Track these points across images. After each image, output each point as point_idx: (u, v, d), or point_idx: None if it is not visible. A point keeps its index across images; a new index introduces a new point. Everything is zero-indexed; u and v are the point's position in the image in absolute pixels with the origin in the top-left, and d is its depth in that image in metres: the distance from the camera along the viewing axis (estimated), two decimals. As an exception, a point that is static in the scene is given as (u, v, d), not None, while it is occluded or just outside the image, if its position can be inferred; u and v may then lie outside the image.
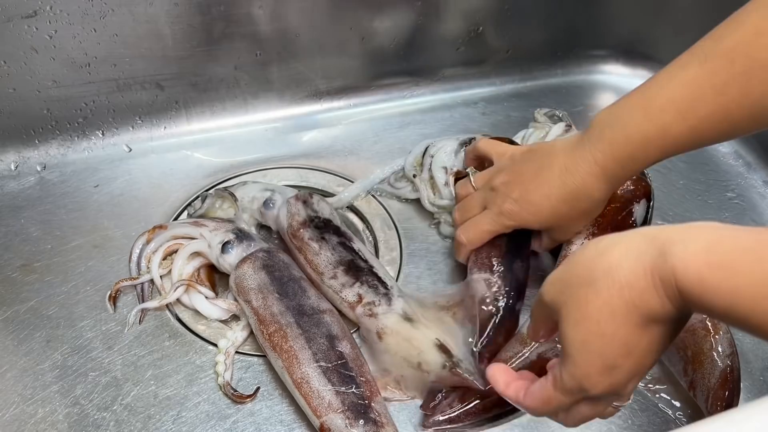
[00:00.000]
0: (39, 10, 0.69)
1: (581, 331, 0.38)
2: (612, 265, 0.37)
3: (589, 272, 0.38)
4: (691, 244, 0.34)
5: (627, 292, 0.36)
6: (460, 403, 0.55)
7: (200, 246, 0.64)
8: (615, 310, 0.37)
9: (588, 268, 0.38)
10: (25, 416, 0.55)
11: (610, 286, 0.36)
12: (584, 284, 0.38)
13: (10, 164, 0.76)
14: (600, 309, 0.37)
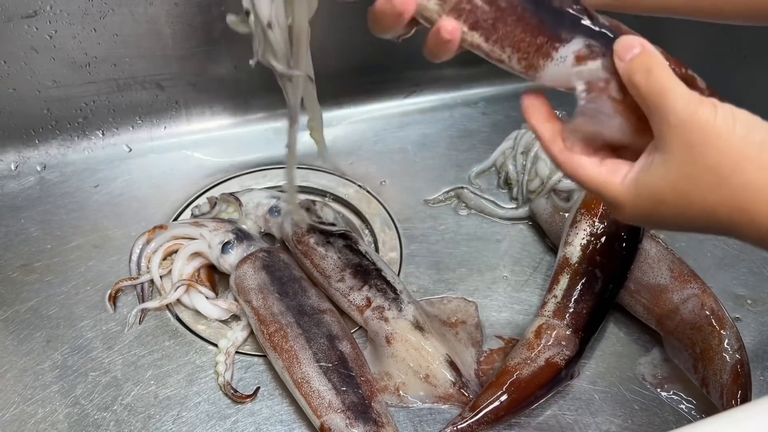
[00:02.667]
0: (39, 10, 0.69)
1: (682, 176, 0.36)
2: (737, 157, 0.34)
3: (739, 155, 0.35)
4: None
5: (741, 211, 0.34)
6: (472, 412, 0.55)
7: (200, 246, 0.64)
8: (713, 213, 0.35)
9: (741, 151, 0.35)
10: (25, 416, 0.55)
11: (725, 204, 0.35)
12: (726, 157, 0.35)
13: (10, 164, 0.76)
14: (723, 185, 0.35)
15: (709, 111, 0.36)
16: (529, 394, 0.56)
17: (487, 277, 0.68)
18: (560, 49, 0.40)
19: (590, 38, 0.40)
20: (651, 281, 0.62)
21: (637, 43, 0.38)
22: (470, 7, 0.39)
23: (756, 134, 0.35)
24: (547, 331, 0.59)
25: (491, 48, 0.40)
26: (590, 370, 0.61)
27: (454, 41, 0.41)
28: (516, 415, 0.56)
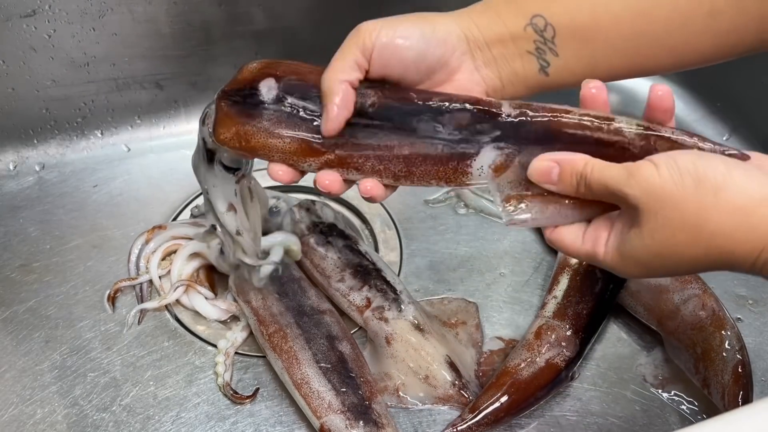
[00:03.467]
0: (38, 10, 0.69)
1: (658, 243, 0.37)
2: (719, 224, 0.35)
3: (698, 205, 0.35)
4: None
5: (723, 256, 0.35)
6: (471, 414, 0.55)
7: (199, 246, 0.63)
8: (699, 261, 0.36)
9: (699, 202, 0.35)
10: (24, 417, 0.55)
11: (704, 244, 0.35)
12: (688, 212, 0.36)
13: (9, 164, 0.75)
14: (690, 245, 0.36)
15: (652, 174, 0.37)
16: (529, 395, 0.56)
17: (487, 278, 0.68)
18: (472, 163, 0.43)
19: (498, 141, 0.43)
20: (651, 282, 0.62)
21: (550, 163, 0.41)
22: (384, 167, 0.44)
23: (706, 181, 0.35)
24: (547, 331, 0.59)
25: (420, 184, 0.45)
26: (591, 370, 0.61)
27: (375, 196, 0.45)
28: (516, 417, 0.56)
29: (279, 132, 0.44)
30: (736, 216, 0.34)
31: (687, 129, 0.46)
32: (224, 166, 0.50)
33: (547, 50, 0.44)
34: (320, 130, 0.43)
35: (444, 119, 0.43)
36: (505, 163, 0.43)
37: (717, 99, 0.86)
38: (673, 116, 0.43)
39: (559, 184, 0.41)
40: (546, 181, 0.41)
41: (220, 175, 0.50)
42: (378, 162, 0.44)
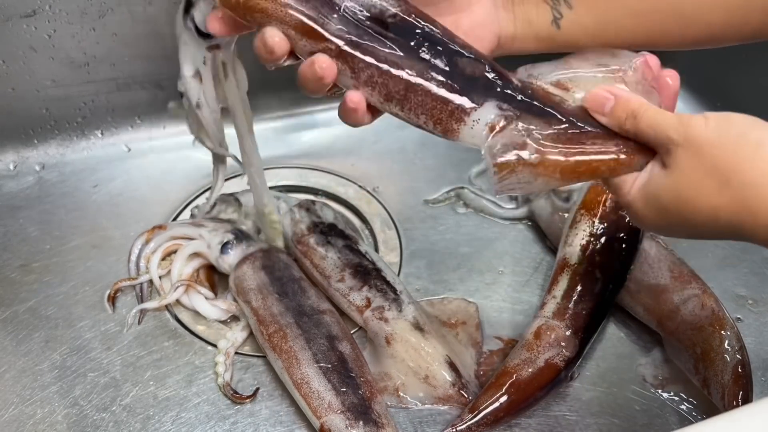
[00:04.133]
0: (38, 10, 0.69)
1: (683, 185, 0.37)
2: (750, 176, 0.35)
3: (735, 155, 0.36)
4: None
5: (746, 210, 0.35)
6: (471, 414, 0.55)
7: (199, 246, 0.64)
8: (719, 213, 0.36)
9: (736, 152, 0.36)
10: (24, 417, 0.55)
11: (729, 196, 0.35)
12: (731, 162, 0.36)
13: (9, 164, 0.75)
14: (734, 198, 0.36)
15: (700, 124, 0.37)
16: (529, 396, 0.56)
17: (487, 278, 0.68)
18: (472, 113, 0.41)
19: (502, 101, 0.42)
20: (651, 282, 0.62)
21: (607, 94, 0.41)
22: (382, 81, 0.41)
23: (751, 134, 0.36)
24: (547, 332, 0.59)
25: (407, 116, 0.42)
26: (590, 371, 0.61)
27: (359, 110, 0.43)
28: (515, 417, 0.56)
29: (286, 1, 0.39)
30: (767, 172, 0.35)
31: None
32: (196, 27, 0.44)
33: (562, 2, 0.45)
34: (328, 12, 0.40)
35: (460, 62, 0.42)
36: (502, 124, 0.41)
37: (717, 99, 0.86)
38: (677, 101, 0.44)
39: (609, 116, 0.41)
40: (598, 109, 0.41)
41: (191, 36, 0.45)
42: (377, 74, 0.41)
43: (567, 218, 0.66)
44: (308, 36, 0.40)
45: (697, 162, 0.37)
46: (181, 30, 0.45)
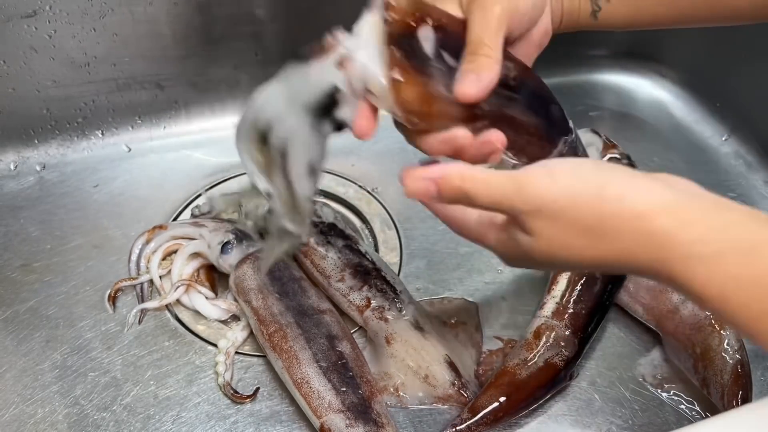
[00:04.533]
0: (38, 10, 0.69)
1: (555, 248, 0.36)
2: (618, 229, 0.33)
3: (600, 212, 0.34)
4: (724, 250, 0.30)
5: (624, 259, 0.34)
6: (471, 414, 0.55)
7: (200, 246, 0.64)
8: (598, 262, 0.35)
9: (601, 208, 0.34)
10: (24, 416, 0.55)
11: (604, 248, 0.34)
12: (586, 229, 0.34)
13: (10, 164, 0.75)
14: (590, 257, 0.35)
15: (545, 185, 0.35)
16: (529, 395, 0.56)
17: (487, 277, 0.68)
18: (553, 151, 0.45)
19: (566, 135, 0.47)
20: (650, 281, 0.62)
21: (427, 183, 0.37)
22: (513, 140, 0.42)
23: (609, 190, 0.34)
24: (546, 331, 0.59)
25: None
26: (590, 370, 0.61)
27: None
28: (515, 416, 0.56)
29: (449, 97, 0.38)
30: (636, 223, 0.33)
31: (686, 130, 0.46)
32: (337, 122, 0.41)
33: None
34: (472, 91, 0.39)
35: (555, 108, 0.46)
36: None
37: (716, 99, 0.86)
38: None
39: (443, 198, 0.38)
40: (430, 200, 0.38)
41: (321, 132, 0.41)
42: (514, 134, 0.42)
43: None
44: (467, 121, 0.41)
45: (561, 228, 0.34)
46: (300, 130, 0.41)
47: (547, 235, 0.35)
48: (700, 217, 0.32)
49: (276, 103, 0.40)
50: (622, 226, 0.33)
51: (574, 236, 0.34)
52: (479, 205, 0.37)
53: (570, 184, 0.34)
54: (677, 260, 0.32)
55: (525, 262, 0.38)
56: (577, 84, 0.93)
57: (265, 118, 0.40)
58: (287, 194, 0.44)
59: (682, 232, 0.32)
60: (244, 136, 0.43)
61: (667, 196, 0.33)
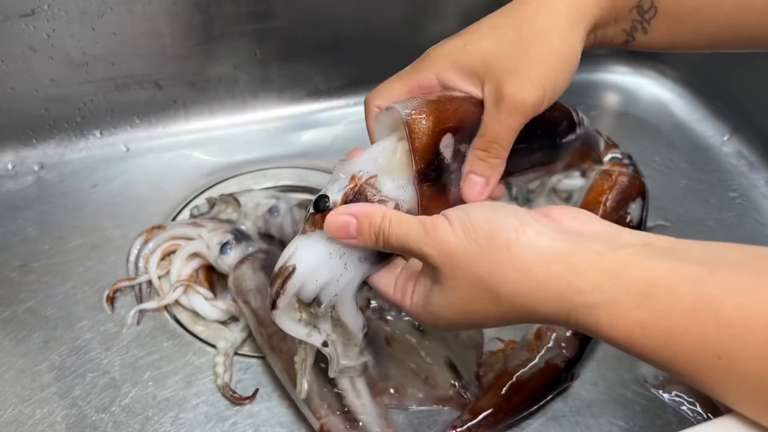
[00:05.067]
0: (37, 9, 0.68)
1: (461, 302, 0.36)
2: (516, 282, 0.33)
3: (493, 264, 0.34)
4: (621, 297, 0.30)
5: (528, 314, 0.34)
6: (471, 415, 0.55)
7: (199, 247, 0.63)
8: (497, 315, 0.35)
9: (493, 260, 0.34)
10: (23, 417, 0.54)
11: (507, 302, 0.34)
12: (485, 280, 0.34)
13: (8, 164, 0.75)
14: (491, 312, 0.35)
15: (446, 231, 0.35)
16: (529, 397, 0.56)
17: (487, 278, 0.68)
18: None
19: None
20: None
21: (347, 217, 0.38)
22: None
23: (499, 238, 0.34)
24: (548, 332, 0.58)
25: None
26: (591, 371, 0.60)
27: None
28: (516, 417, 0.56)
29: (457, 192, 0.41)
30: (530, 274, 0.33)
31: (687, 129, 0.46)
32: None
33: (639, 29, 0.44)
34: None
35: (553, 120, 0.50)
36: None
37: (718, 99, 0.86)
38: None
39: (359, 238, 0.38)
40: (344, 236, 0.38)
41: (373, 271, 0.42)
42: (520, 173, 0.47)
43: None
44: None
45: (462, 277, 0.35)
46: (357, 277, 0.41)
47: (451, 287, 0.35)
48: (594, 262, 0.32)
49: (320, 274, 0.40)
50: (516, 278, 0.33)
51: (476, 288, 0.34)
52: (391, 245, 0.37)
53: (463, 234, 0.35)
54: (579, 309, 0.32)
55: (440, 320, 0.38)
56: (578, 83, 0.92)
57: (314, 288, 0.40)
58: (339, 335, 0.44)
59: (578, 280, 0.31)
60: (286, 309, 0.41)
61: (558, 243, 0.33)
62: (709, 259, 0.30)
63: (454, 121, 0.41)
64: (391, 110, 0.41)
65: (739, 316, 0.28)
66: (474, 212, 0.35)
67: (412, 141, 0.39)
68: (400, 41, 0.84)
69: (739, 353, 0.27)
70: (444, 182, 0.41)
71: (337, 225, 0.38)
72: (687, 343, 0.29)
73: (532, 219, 0.34)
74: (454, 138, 0.41)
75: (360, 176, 0.39)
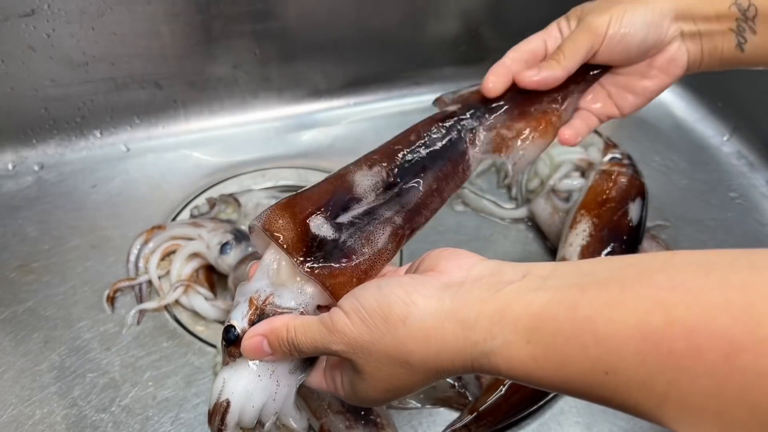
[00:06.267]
0: (37, 9, 0.68)
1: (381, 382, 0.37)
2: (421, 351, 0.35)
3: (396, 341, 0.35)
4: (510, 337, 0.32)
5: (441, 373, 0.35)
6: (471, 415, 0.55)
7: (199, 247, 0.63)
8: (418, 382, 0.36)
9: (394, 338, 0.35)
10: (23, 417, 0.54)
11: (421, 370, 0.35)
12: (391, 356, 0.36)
13: (8, 164, 0.75)
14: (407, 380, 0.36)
15: (346, 325, 0.36)
16: (529, 397, 0.56)
17: (487, 278, 0.68)
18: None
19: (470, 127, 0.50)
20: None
21: (258, 337, 0.39)
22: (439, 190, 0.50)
23: (392, 314, 0.35)
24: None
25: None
26: (591, 371, 0.60)
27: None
28: (516, 418, 0.56)
29: (377, 248, 0.42)
30: (430, 340, 0.34)
31: (688, 129, 0.46)
32: None
33: (746, 28, 0.46)
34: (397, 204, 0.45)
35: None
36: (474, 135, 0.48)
37: (718, 99, 0.86)
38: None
39: (275, 353, 0.39)
40: (262, 355, 0.39)
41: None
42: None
43: (567, 218, 0.66)
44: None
45: (375, 362, 0.36)
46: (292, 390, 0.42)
47: (369, 372, 0.37)
48: (480, 311, 0.33)
49: (255, 399, 0.40)
50: (419, 347, 0.35)
51: (391, 367, 0.36)
52: (304, 352, 0.38)
53: (360, 322, 0.36)
54: (478, 358, 0.33)
55: (372, 401, 0.39)
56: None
57: (253, 413, 0.40)
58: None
59: (470, 333, 0.33)
60: None
61: (445, 303, 0.34)
62: (581, 280, 0.32)
63: (312, 206, 0.42)
64: (252, 226, 0.42)
65: (612, 330, 0.29)
66: (364, 297, 0.37)
67: (277, 241, 0.40)
68: (400, 41, 0.84)
69: (621, 365, 0.29)
70: (341, 253, 0.40)
71: (251, 348, 0.39)
72: (576, 365, 0.30)
73: (418, 285, 0.36)
74: (325, 216, 0.41)
75: (257, 297, 0.40)
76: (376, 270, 0.41)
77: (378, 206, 0.43)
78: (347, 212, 0.42)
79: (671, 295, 0.28)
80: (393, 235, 0.43)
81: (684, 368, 0.27)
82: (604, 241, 0.62)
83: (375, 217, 0.43)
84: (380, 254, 0.41)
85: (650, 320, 0.28)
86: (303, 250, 0.39)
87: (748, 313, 0.26)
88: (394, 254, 0.43)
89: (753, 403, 0.26)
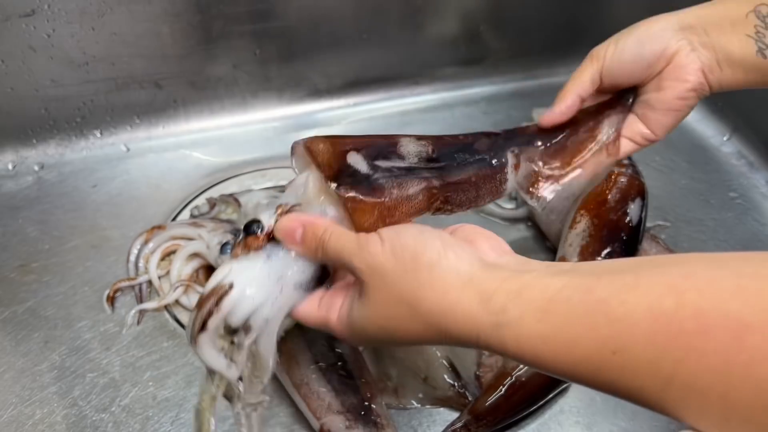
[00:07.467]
0: (37, 9, 0.68)
1: (381, 317, 0.38)
2: (433, 302, 0.35)
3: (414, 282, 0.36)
4: (523, 314, 0.33)
5: (442, 333, 0.36)
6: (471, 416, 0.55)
7: (199, 247, 0.63)
8: (415, 333, 0.37)
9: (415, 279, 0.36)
10: (23, 417, 0.54)
11: (424, 320, 0.36)
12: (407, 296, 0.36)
13: (8, 164, 0.75)
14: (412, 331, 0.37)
15: (377, 249, 0.37)
16: (529, 397, 0.56)
17: (487, 278, 0.68)
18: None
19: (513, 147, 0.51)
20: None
21: (295, 224, 0.41)
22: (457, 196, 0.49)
23: (423, 257, 0.36)
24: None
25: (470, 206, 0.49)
26: (591, 371, 0.60)
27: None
28: (515, 418, 0.56)
29: (407, 193, 0.42)
30: (446, 295, 0.35)
31: (688, 129, 0.47)
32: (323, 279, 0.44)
33: (766, 32, 0.45)
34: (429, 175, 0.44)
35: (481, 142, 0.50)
36: (516, 162, 0.49)
37: (718, 99, 0.86)
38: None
39: (302, 245, 0.41)
40: (290, 240, 0.41)
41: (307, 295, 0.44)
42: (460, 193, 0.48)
43: (567, 218, 0.66)
44: (431, 200, 0.46)
45: (386, 293, 0.37)
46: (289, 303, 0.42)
47: (375, 301, 0.37)
48: (499, 286, 0.34)
49: (256, 294, 0.40)
50: (433, 298, 0.36)
51: (396, 304, 0.37)
52: (329, 256, 0.40)
53: (391, 252, 0.37)
54: (487, 330, 0.34)
55: (361, 332, 0.40)
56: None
57: (248, 307, 0.40)
58: (250, 370, 0.45)
59: (486, 303, 0.34)
60: (212, 334, 0.40)
61: (474, 269, 0.36)
62: (598, 270, 0.33)
63: (355, 144, 0.43)
64: (295, 146, 0.43)
65: (625, 311, 0.30)
66: (404, 232, 0.38)
67: (314, 158, 0.41)
68: (400, 41, 0.84)
69: (630, 344, 0.29)
70: (370, 186, 0.41)
71: (286, 229, 0.41)
72: (585, 347, 0.31)
73: (455, 245, 0.37)
74: (364, 155, 0.43)
75: (285, 206, 0.42)
76: (401, 213, 0.42)
77: (418, 167, 0.44)
78: (387, 161, 0.43)
79: (684, 281, 0.29)
80: (426, 190, 0.44)
81: (693, 347, 0.28)
82: (604, 241, 0.62)
83: (413, 172, 0.44)
84: (408, 199, 0.42)
85: (662, 303, 0.29)
86: (335, 174, 0.41)
87: (760, 296, 0.27)
88: (424, 210, 0.44)
89: (759, 383, 0.26)
